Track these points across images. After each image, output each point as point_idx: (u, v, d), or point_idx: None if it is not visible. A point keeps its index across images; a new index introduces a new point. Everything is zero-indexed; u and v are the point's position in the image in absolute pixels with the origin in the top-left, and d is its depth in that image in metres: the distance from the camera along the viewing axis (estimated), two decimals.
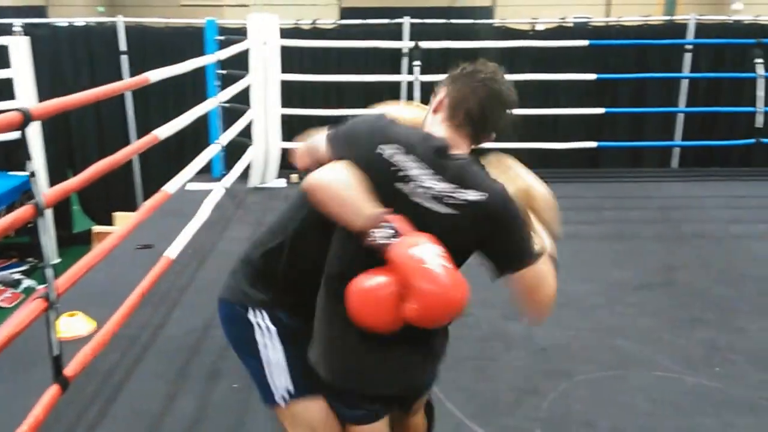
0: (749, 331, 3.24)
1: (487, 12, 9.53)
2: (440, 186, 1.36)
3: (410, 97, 6.10)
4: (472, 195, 1.35)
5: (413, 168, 1.36)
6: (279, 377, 1.59)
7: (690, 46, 6.35)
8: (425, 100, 6.22)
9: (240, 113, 5.53)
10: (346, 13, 9.19)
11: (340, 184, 1.36)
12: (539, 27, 6.27)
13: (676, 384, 2.78)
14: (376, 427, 1.57)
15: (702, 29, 6.43)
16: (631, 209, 5.31)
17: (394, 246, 1.30)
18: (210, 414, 2.55)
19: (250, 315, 1.62)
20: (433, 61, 6.07)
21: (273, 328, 1.61)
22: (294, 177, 6.04)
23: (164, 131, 3.24)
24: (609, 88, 6.45)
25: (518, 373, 2.82)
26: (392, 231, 1.31)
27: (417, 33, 6.19)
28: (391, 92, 6.39)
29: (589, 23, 6.79)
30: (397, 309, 1.32)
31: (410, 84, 5.99)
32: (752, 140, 6.01)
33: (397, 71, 6.26)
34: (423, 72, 5.84)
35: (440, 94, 1.50)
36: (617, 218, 5.03)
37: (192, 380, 2.78)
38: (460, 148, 1.44)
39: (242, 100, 5.55)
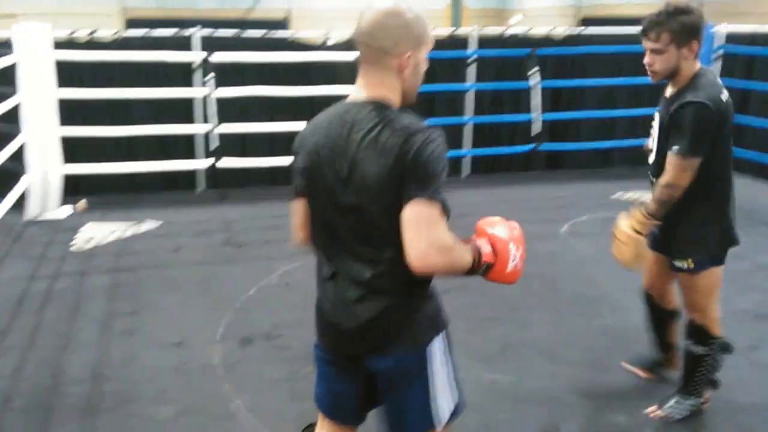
0: (536, 325, 3.54)
1: (282, 24, 9.47)
2: None
3: (205, 113, 5.83)
4: None
5: None
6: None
7: (472, 58, 6.78)
8: (222, 115, 5.92)
9: (10, 136, 4.90)
10: (132, 24, 8.57)
11: None
12: (331, 41, 6.33)
13: (475, 381, 2.94)
14: None
15: (483, 41, 6.87)
16: None
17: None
18: None
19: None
20: (229, 75, 5.85)
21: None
22: (82, 204, 5.46)
23: None
24: None
25: None
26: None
27: (209, 45, 5.91)
28: (185, 108, 6.03)
29: None
30: None
31: (205, 99, 5.74)
32: (531, 146, 6.65)
33: (190, 85, 5.93)
34: (219, 86, 5.62)
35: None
36: None
37: None
38: None
39: (11, 120, 4.93)
